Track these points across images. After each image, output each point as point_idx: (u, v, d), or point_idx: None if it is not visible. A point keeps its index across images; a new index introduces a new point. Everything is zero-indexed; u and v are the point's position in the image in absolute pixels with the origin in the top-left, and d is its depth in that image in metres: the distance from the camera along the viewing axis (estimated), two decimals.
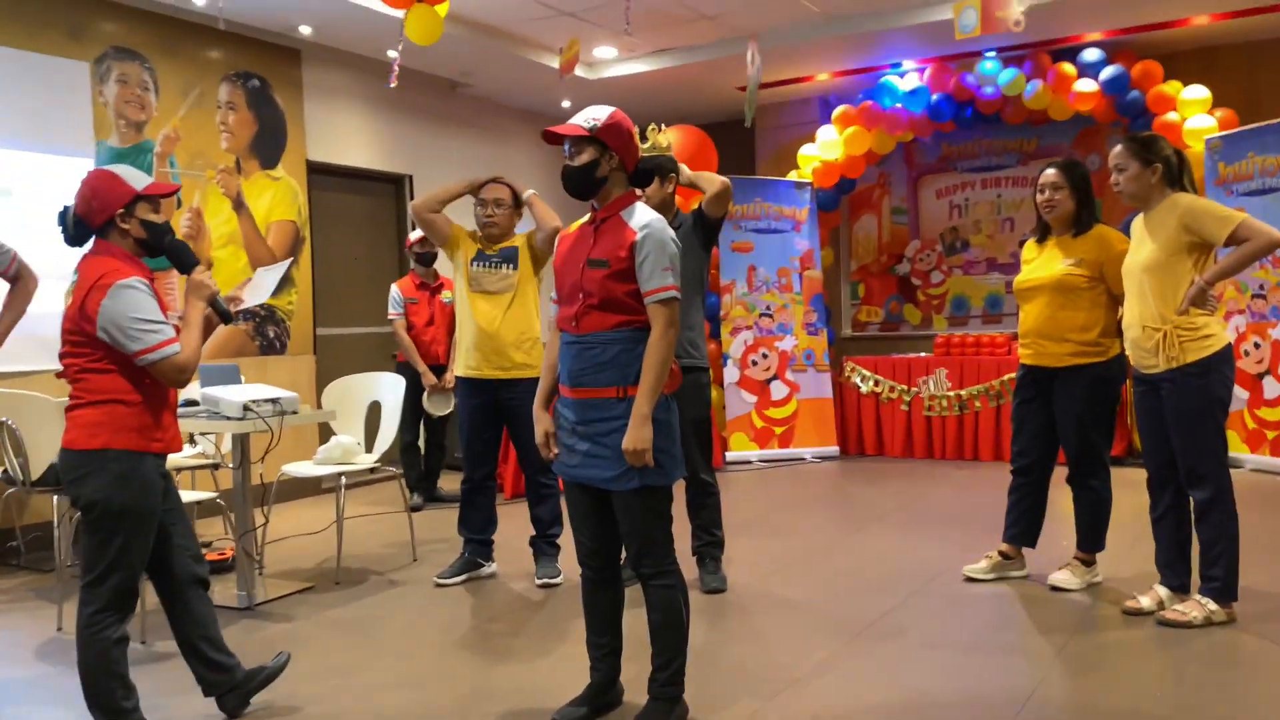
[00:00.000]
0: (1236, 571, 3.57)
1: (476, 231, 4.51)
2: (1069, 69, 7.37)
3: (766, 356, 7.86)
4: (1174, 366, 3.51)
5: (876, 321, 9.27)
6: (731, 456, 7.67)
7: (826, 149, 8.09)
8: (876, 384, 7.97)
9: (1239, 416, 6.65)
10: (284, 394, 4.12)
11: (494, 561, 4.67)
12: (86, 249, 2.86)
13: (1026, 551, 4.30)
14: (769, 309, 7.93)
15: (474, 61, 7.55)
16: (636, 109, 3.98)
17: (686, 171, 4.18)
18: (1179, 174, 3.63)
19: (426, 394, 6.21)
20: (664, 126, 5.13)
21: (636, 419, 2.67)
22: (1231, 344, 3.58)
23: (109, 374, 2.73)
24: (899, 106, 7.93)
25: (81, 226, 2.82)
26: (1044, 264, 4.04)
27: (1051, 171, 4.01)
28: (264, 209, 6.75)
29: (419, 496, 6.44)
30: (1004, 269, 8.60)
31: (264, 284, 3.84)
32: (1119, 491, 4.17)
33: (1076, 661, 3.31)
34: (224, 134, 6.54)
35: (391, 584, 4.58)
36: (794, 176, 8.24)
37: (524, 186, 4.53)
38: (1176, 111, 7.09)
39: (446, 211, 4.47)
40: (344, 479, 4.77)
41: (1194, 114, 7.02)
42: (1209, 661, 3.28)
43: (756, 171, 9.21)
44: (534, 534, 4.53)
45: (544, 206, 4.42)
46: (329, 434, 5.04)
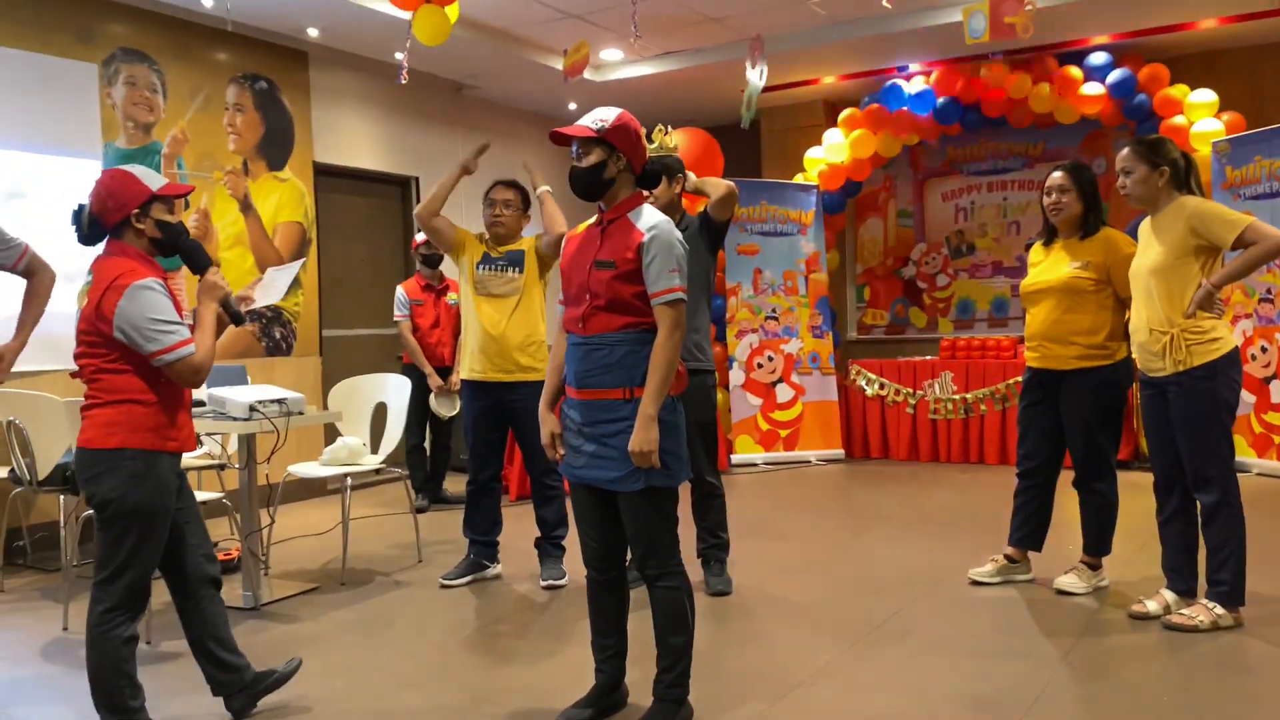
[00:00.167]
0: (1243, 576, 3.56)
1: (483, 234, 4.51)
2: (1075, 72, 7.37)
3: (772, 359, 7.86)
4: (1181, 370, 3.51)
5: (882, 324, 9.27)
6: (737, 459, 7.67)
7: (832, 152, 8.09)
8: (882, 387, 7.96)
9: (1245, 420, 6.63)
10: (290, 395, 4.12)
11: (499, 563, 4.67)
12: (99, 249, 2.86)
13: (1032, 555, 4.29)
14: (774, 312, 7.93)
15: (480, 64, 7.57)
16: (643, 111, 3.98)
17: (692, 178, 4.18)
18: (1186, 177, 3.62)
19: (432, 396, 6.21)
20: (670, 128, 5.13)
21: (643, 420, 2.67)
22: (1238, 348, 3.57)
23: (125, 374, 2.75)
24: (905, 110, 7.93)
25: (96, 225, 2.83)
26: (1051, 267, 4.04)
27: (1058, 174, 4.00)
28: (271, 210, 6.77)
29: (424, 498, 6.45)
30: (1010, 272, 8.59)
31: (276, 284, 3.83)
32: (1125, 495, 4.16)
33: (1082, 666, 3.30)
34: (231, 136, 6.56)
35: (397, 585, 4.59)
36: (800, 179, 8.25)
37: (539, 180, 4.47)
38: (1183, 115, 7.08)
39: (453, 217, 4.46)
40: (350, 480, 4.78)
41: (1201, 117, 7.01)
42: (1215, 666, 3.27)
43: (762, 174, 9.21)
44: (539, 535, 4.53)
45: (554, 207, 4.38)
46: (335, 435, 5.04)
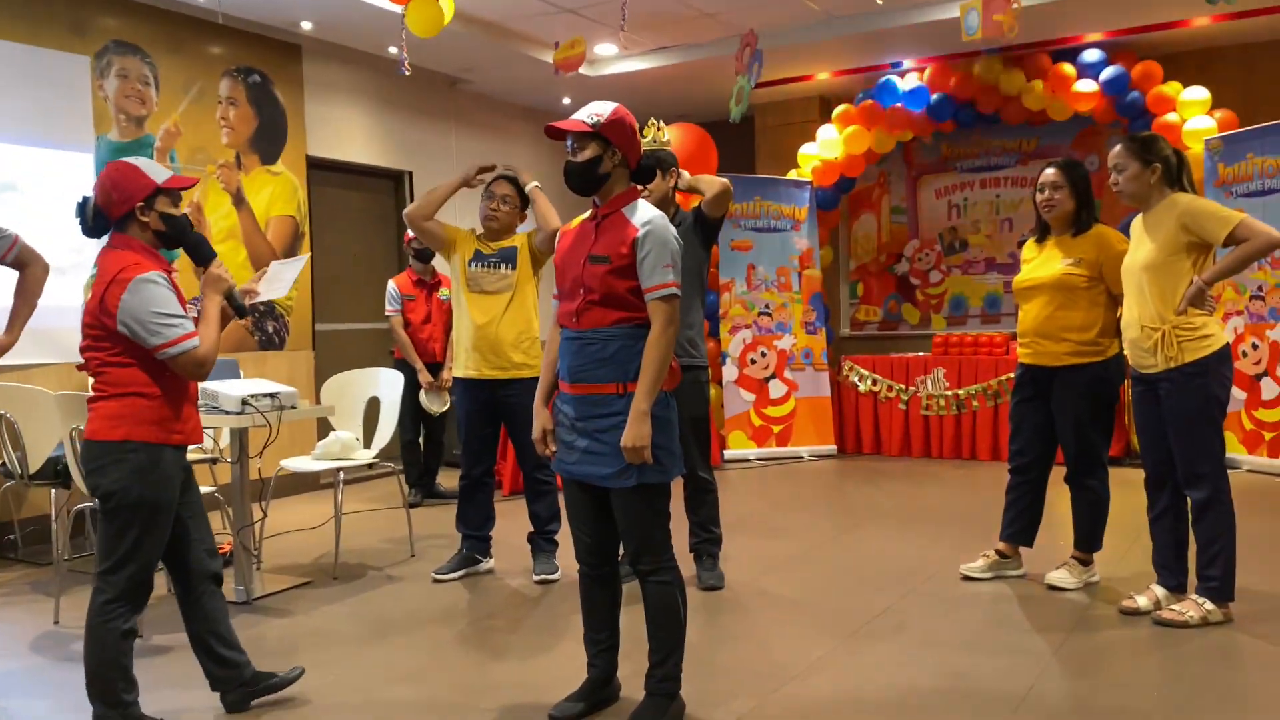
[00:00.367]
0: (1233, 572, 3.58)
1: (475, 229, 4.50)
2: (1069, 69, 7.38)
3: (765, 355, 7.87)
4: (1172, 366, 3.52)
5: (875, 321, 9.28)
6: (730, 454, 7.67)
7: (826, 148, 8.10)
8: (874, 383, 7.98)
9: (1236, 417, 6.65)
10: (283, 389, 4.12)
11: (492, 557, 4.67)
12: (100, 243, 2.86)
13: (1024, 551, 4.31)
14: (768, 308, 7.94)
15: (474, 58, 7.55)
16: (637, 106, 3.97)
17: (686, 176, 4.17)
18: (1178, 174, 3.63)
19: (423, 392, 6.21)
20: (662, 123, 5.14)
21: (635, 415, 2.67)
22: (1230, 344, 3.58)
23: (129, 367, 2.75)
24: (899, 106, 7.94)
25: (100, 218, 2.82)
26: (1043, 264, 4.05)
27: (1051, 171, 4.01)
28: (264, 204, 6.75)
29: (418, 493, 6.44)
30: (1002, 269, 8.61)
31: (282, 278, 3.82)
32: (1117, 491, 4.18)
33: (1073, 661, 3.31)
34: (224, 129, 6.53)
35: (389, 579, 4.59)
36: (794, 175, 8.25)
37: (529, 177, 4.47)
38: (1176, 112, 7.10)
39: (443, 209, 4.45)
40: (342, 474, 4.77)
41: (1193, 115, 7.03)
42: (1205, 661, 3.28)
43: (756, 170, 9.21)
44: (532, 530, 4.53)
45: (546, 204, 4.35)
46: (327, 429, 5.04)
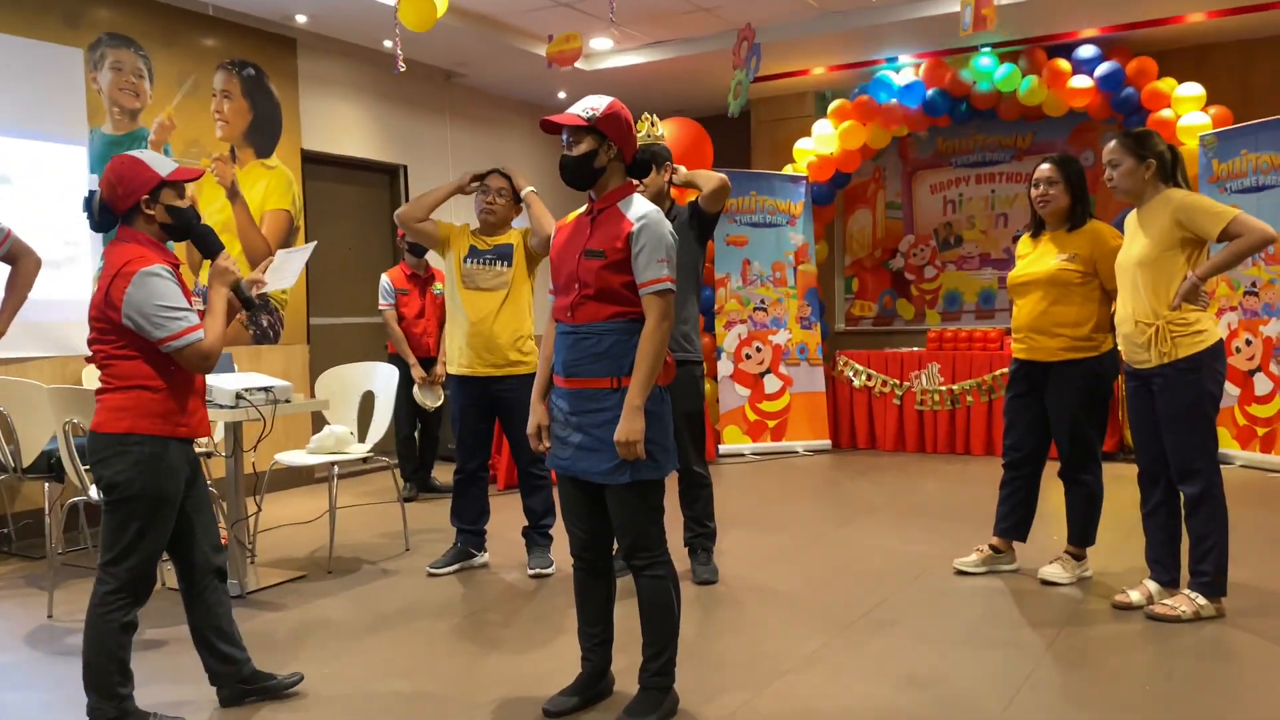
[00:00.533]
0: (1225, 567, 3.59)
1: (469, 225, 4.49)
2: (1064, 65, 7.39)
3: (760, 350, 7.87)
4: (1166, 362, 3.53)
5: (870, 316, 9.29)
6: (724, 449, 7.68)
7: (822, 143, 8.09)
8: (869, 378, 7.98)
9: (1230, 413, 6.68)
10: (277, 382, 4.11)
11: (486, 552, 4.67)
12: (94, 236, 2.85)
13: (1017, 545, 4.32)
14: (763, 303, 7.94)
15: (469, 52, 7.53)
16: (632, 101, 3.97)
17: (683, 171, 4.17)
18: (1172, 170, 3.64)
19: (417, 387, 6.20)
20: (655, 118, 5.13)
21: (629, 410, 2.67)
22: (1223, 340, 3.59)
23: (134, 360, 2.75)
24: (894, 101, 7.94)
25: (107, 212, 2.82)
26: (1038, 259, 4.05)
27: (1046, 167, 4.01)
28: (258, 198, 6.74)
29: (413, 487, 6.44)
30: (997, 264, 8.62)
31: (288, 267, 3.81)
32: (1110, 486, 4.18)
33: (1066, 655, 3.33)
34: (219, 122, 6.52)
35: (384, 573, 4.59)
36: (789, 170, 8.25)
37: (525, 182, 4.45)
38: (1171, 108, 7.11)
39: (440, 207, 4.44)
40: (337, 468, 4.77)
41: (1188, 111, 7.04)
42: (1197, 656, 3.29)
43: (752, 165, 9.21)
44: (526, 525, 4.53)
45: (541, 208, 4.33)
46: (322, 423, 5.03)
